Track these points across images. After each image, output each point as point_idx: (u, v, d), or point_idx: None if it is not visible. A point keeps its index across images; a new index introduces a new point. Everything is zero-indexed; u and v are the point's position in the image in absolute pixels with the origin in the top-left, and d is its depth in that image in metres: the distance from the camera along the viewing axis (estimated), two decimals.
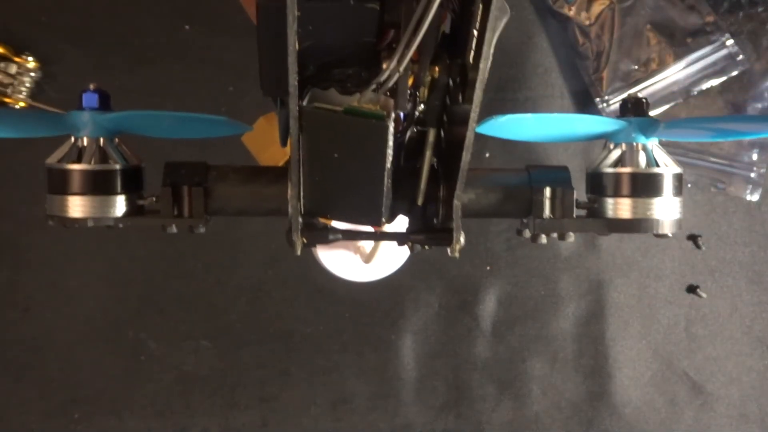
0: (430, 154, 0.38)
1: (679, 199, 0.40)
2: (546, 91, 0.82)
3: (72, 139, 0.38)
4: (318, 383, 0.81)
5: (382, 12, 0.32)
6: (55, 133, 0.38)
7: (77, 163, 0.37)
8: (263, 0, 0.32)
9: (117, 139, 0.38)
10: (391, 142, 0.33)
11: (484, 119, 0.36)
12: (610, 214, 0.39)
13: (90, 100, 0.37)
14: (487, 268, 0.82)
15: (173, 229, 0.38)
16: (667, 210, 0.39)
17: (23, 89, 0.76)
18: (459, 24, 0.35)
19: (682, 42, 0.79)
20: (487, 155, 0.80)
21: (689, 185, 0.81)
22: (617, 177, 0.39)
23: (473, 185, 0.39)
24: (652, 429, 0.83)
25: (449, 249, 0.38)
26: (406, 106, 0.35)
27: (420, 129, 0.38)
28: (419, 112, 0.37)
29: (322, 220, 0.40)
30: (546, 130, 0.43)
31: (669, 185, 0.39)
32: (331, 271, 0.60)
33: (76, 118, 0.37)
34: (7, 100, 0.76)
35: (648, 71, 0.79)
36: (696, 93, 0.79)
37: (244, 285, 0.80)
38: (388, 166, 0.35)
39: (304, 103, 0.33)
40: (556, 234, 0.40)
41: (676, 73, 0.79)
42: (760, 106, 0.80)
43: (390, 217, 0.39)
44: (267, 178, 0.39)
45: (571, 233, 0.40)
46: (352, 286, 0.67)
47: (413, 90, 0.36)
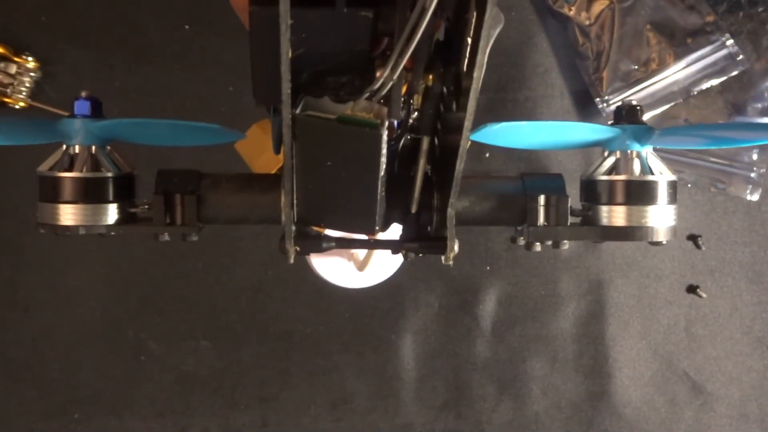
0: (424, 162, 0.37)
1: (673, 206, 0.40)
2: (546, 91, 0.81)
3: (64, 147, 0.37)
4: (318, 383, 0.81)
5: (375, 20, 0.32)
6: (48, 141, 0.38)
7: (69, 171, 0.37)
8: (256, 8, 0.32)
9: (109, 147, 0.38)
10: (384, 150, 0.33)
11: (479, 127, 0.36)
12: (605, 221, 0.39)
13: (82, 107, 0.37)
14: (487, 268, 0.82)
15: (165, 237, 0.38)
16: (661, 217, 0.39)
17: (23, 89, 0.76)
18: (453, 32, 0.35)
19: (682, 42, 0.79)
20: (487, 155, 0.80)
21: (689, 185, 0.81)
22: (611, 185, 0.39)
23: (467, 193, 0.39)
24: (652, 429, 0.83)
25: (443, 257, 0.38)
26: (400, 114, 0.35)
27: (413, 137, 0.38)
28: (413, 120, 0.37)
29: (315, 229, 0.40)
30: (540, 137, 0.43)
31: (663, 193, 0.39)
32: (325, 279, 0.60)
33: (67, 125, 0.37)
34: (6, 100, 0.76)
35: (648, 71, 0.79)
36: (696, 93, 0.79)
37: (244, 285, 0.80)
38: (382, 174, 0.34)
39: (297, 111, 0.33)
40: (551, 242, 0.40)
41: (676, 73, 0.79)
42: (760, 106, 0.79)
43: (384, 226, 0.39)
44: (260, 187, 0.39)
45: (565, 241, 0.39)
46: (350, 288, 0.67)
47: (407, 98, 0.36)
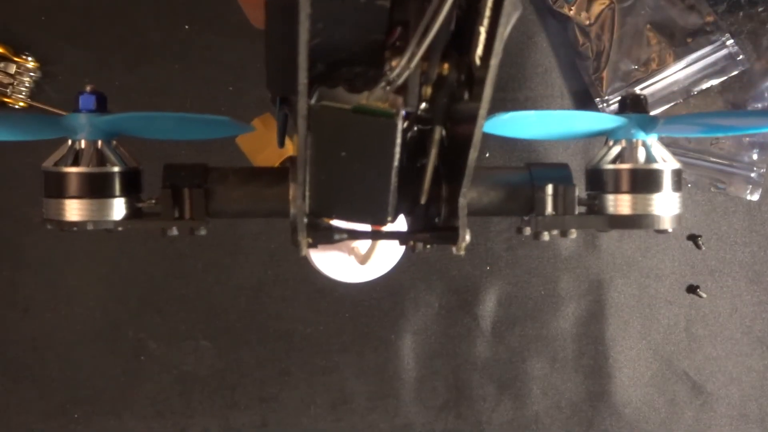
0: (435, 152, 0.37)
1: (678, 194, 0.40)
2: (546, 91, 0.81)
3: (69, 142, 0.37)
4: (318, 383, 0.81)
5: (391, 9, 0.32)
6: (52, 136, 0.37)
7: (75, 166, 0.37)
8: None
9: (115, 142, 0.38)
10: (399, 139, 0.33)
11: (487, 117, 0.36)
12: (611, 210, 0.40)
13: (87, 102, 0.37)
14: (487, 268, 0.82)
15: (174, 232, 0.38)
16: (666, 205, 0.39)
17: (23, 89, 0.76)
18: (464, 21, 0.35)
19: (682, 42, 0.79)
20: (487, 155, 0.80)
21: (689, 185, 0.81)
22: (617, 173, 0.39)
23: (475, 184, 0.39)
24: (652, 429, 0.83)
25: (454, 247, 0.37)
26: (416, 103, 0.35)
27: (421, 128, 0.38)
28: (421, 111, 0.37)
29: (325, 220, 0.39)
30: (547, 127, 0.43)
31: (668, 181, 0.39)
32: (325, 273, 0.60)
33: (73, 120, 0.37)
34: (6, 100, 0.76)
35: (648, 71, 0.79)
36: (696, 93, 0.79)
37: (244, 285, 0.80)
38: (396, 164, 0.34)
39: (312, 101, 0.32)
40: (558, 231, 0.40)
41: (676, 73, 0.79)
42: (760, 105, 0.79)
43: (394, 217, 0.39)
44: (268, 179, 0.39)
45: (573, 230, 0.40)
46: (352, 286, 0.67)
47: (419, 87, 0.36)
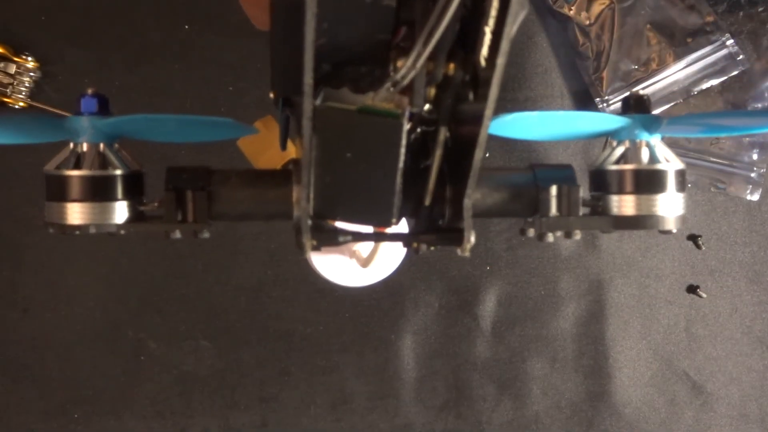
0: (440, 153, 0.37)
1: (682, 195, 0.40)
2: (546, 91, 0.81)
3: (71, 145, 0.37)
4: (318, 383, 0.81)
5: (397, 9, 0.32)
6: (54, 139, 0.37)
7: (77, 169, 0.37)
8: None
9: (117, 145, 0.38)
10: (404, 140, 0.33)
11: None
12: (615, 211, 0.39)
13: (89, 104, 0.36)
14: (487, 268, 0.82)
15: (177, 235, 0.38)
16: (671, 206, 0.39)
17: (23, 89, 0.76)
18: (469, 21, 0.35)
19: (682, 42, 0.79)
20: (487, 155, 0.80)
21: (689, 185, 0.81)
22: (621, 174, 0.39)
23: (478, 185, 0.39)
24: (652, 429, 0.83)
25: (459, 249, 0.37)
26: (422, 103, 0.35)
27: (424, 129, 0.38)
28: (425, 111, 0.37)
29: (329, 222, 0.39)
30: (550, 128, 0.43)
31: (672, 181, 0.39)
32: (326, 277, 0.60)
33: (75, 123, 0.36)
34: (6, 101, 0.75)
35: (648, 71, 0.79)
36: (696, 93, 0.79)
37: (244, 285, 0.80)
38: (401, 165, 0.34)
39: (317, 102, 0.32)
40: (562, 232, 0.40)
41: (676, 73, 0.79)
42: (760, 106, 0.79)
43: (398, 218, 0.39)
44: (271, 182, 0.39)
45: (577, 231, 0.39)
46: (353, 287, 0.67)
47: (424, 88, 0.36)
